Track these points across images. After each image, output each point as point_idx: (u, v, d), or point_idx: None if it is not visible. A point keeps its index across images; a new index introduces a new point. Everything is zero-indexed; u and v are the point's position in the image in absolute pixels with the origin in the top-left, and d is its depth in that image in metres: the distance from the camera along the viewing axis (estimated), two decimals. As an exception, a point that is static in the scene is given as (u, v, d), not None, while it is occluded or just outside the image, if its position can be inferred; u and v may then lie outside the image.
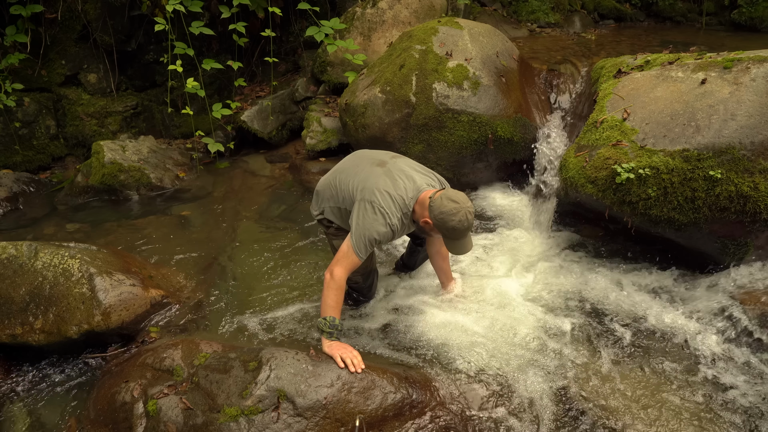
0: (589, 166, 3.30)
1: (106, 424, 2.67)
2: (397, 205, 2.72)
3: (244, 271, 3.84)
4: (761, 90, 3.04)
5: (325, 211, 3.05)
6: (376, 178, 2.79)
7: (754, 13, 6.21)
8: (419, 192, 2.78)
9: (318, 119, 5.26)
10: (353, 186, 2.84)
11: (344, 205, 2.90)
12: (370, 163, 2.92)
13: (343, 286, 2.74)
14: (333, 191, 2.97)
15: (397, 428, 2.56)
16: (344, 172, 2.98)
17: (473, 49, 4.43)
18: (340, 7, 6.26)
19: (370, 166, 2.88)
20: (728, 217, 3.02)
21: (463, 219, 2.64)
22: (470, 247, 2.81)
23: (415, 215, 2.79)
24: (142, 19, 5.36)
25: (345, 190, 2.89)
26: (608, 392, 2.79)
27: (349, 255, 2.72)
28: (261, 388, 2.48)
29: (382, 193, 2.72)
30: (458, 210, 2.63)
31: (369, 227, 2.69)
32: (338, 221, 3.01)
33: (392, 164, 2.88)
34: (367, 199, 2.72)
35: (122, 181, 4.85)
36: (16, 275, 3.14)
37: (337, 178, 2.99)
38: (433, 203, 2.68)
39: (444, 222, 2.65)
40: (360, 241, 2.70)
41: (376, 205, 2.70)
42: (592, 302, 3.34)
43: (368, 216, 2.70)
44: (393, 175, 2.80)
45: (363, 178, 2.82)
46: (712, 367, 2.88)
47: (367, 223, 2.69)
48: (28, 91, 5.31)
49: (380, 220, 2.69)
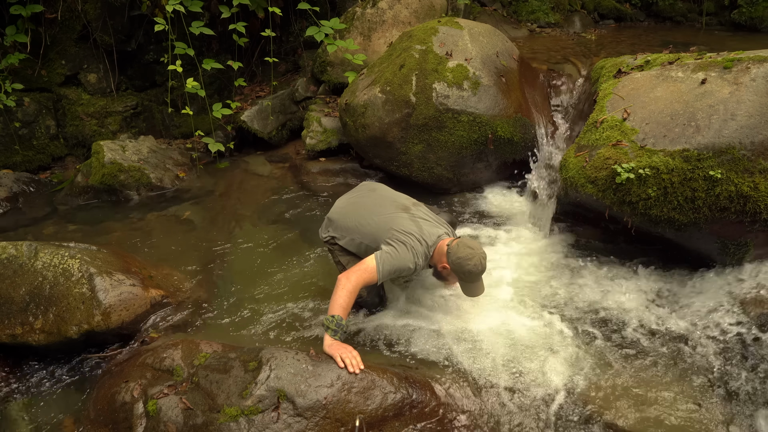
0: (589, 166, 3.30)
1: (106, 424, 2.68)
2: (422, 249, 2.98)
3: (244, 271, 3.84)
4: (761, 90, 3.04)
5: (337, 238, 3.19)
6: (403, 221, 3.05)
7: (754, 13, 6.21)
8: (439, 239, 3.04)
9: (318, 119, 5.26)
10: (377, 225, 3.06)
11: (364, 240, 3.09)
12: (394, 206, 3.16)
13: (356, 294, 2.84)
14: (351, 223, 3.14)
15: (397, 428, 2.56)
16: (366, 209, 3.18)
17: (473, 49, 4.43)
18: (340, 7, 6.26)
19: (395, 210, 3.13)
20: (728, 217, 3.02)
21: (477, 264, 2.90)
22: (483, 290, 3.09)
23: (433, 260, 3.06)
24: (142, 19, 5.36)
25: (367, 226, 3.09)
26: (608, 393, 2.79)
27: (371, 272, 2.86)
28: (261, 388, 2.49)
29: (411, 235, 2.98)
30: (473, 255, 2.90)
31: (401, 259, 2.91)
32: (353, 250, 3.16)
33: (415, 211, 3.16)
34: (399, 238, 2.96)
35: (122, 181, 4.85)
36: (16, 275, 3.14)
37: (357, 212, 3.18)
38: (450, 249, 2.94)
39: (461, 266, 2.91)
40: (387, 267, 2.89)
41: (408, 245, 2.94)
42: (592, 302, 3.34)
43: (400, 251, 2.92)
44: (418, 222, 3.08)
45: (389, 219, 3.06)
46: (713, 367, 2.88)
47: (399, 255, 2.91)
48: (28, 91, 5.30)
49: (410, 257, 2.93)
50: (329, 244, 3.26)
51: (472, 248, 2.92)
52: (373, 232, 3.05)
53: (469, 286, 3.03)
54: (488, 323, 3.21)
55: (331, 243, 3.23)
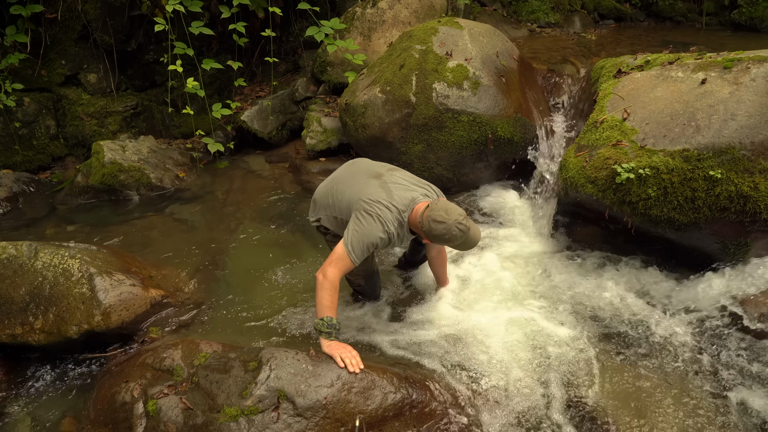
0: (589, 166, 3.30)
1: (106, 424, 2.67)
2: (393, 215, 2.80)
3: (244, 270, 3.84)
4: (761, 90, 3.04)
5: (321, 219, 3.11)
6: (372, 189, 2.87)
7: (754, 13, 6.21)
8: (414, 203, 2.85)
9: (318, 119, 5.26)
10: (349, 197, 2.91)
11: (341, 215, 2.97)
12: (367, 175, 2.99)
13: (337, 286, 2.77)
14: (329, 200, 3.04)
15: (397, 428, 2.56)
16: (341, 182, 3.04)
17: (473, 49, 4.43)
18: (340, 7, 6.26)
19: (366, 178, 2.95)
20: (728, 217, 3.02)
21: (450, 228, 2.70)
22: (474, 243, 2.85)
23: (412, 226, 2.87)
24: (142, 19, 5.36)
25: (342, 201, 2.95)
26: (608, 393, 2.79)
27: (343, 258, 2.76)
28: (261, 388, 2.48)
29: (378, 203, 2.80)
30: (445, 220, 2.70)
31: (367, 233, 2.75)
32: (334, 229, 3.08)
33: (388, 176, 2.95)
34: (364, 208, 2.79)
35: (122, 181, 4.85)
36: (16, 275, 3.14)
37: (334, 188, 3.05)
38: (422, 217, 2.76)
39: (431, 231, 2.73)
40: (357, 246, 2.75)
41: (374, 214, 2.77)
42: (592, 303, 3.34)
43: (367, 223, 2.76)
44: (389, 187, 2.88)
45: (359, 189, 2.89)
46: (713, 367, 2.88)
47: (365, 229, 2.76)
48: (28, 91, 5.31)
49: (378, 227, 2.76)
50: (321, 232, 3.18)
51: (446, 212, 2.71)
52: (346, 205, 2.91)
53: (456, 246, 2.83)
54: (488, 323, 3.20)
55: (323, 231, 3.15)
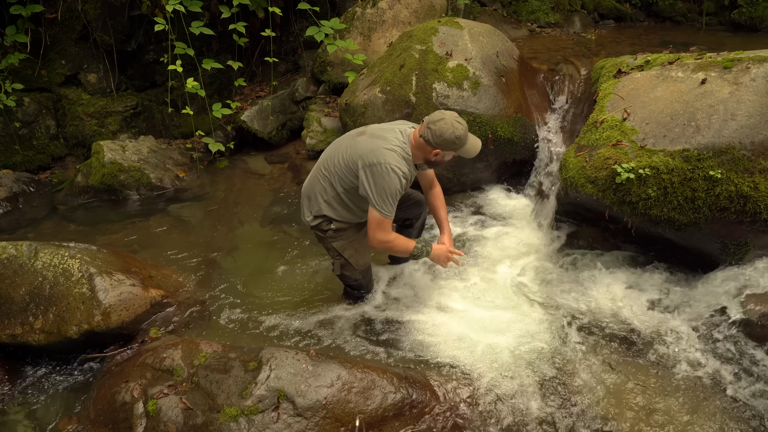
0: (589, 166, 3.30)
1: (106, 424, 2.67)
2: (398, 154, 2.84)
3: (244, 270, 3.84)
4: (761, 90, 3.04)
5: (322, 208, 3.06)
6: (366, 143, 2.89)
7: (754, 13, 6.21)
8: (408, 136, 2.91)
9: (318, 119, 5.26)
10: (345, 160, 2.92)
11: (342, 186, 2.96)
12: (349, 138, 3.03)
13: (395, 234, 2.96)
14: (323, 182, 3.03)
15: (397, 428, 2.56)
16: (325, 161, 3.06)
17: (473, 49, 4.43)
18: (340, 7, 6.25)
19: (352, 140, 2.99)
20: (728, 217, 3.02)
21: (456, 125, 2.80)
22: (476, 145, 2.94)
23: (417, 158, 2.92)
24: (142, 19, 5.36)
25: (337, 169, 2.95)
26: (608, 394, 2.79)
27: (382, 220, 2.85)
28: (261, 388, 2.49)
29: (381, 150, 2.82)
30: (446, 122, 2.79)
31: (387, 185, 2.80)
32: (340, 210, 3.04)
33: (370, 130, 3.00)
34: (371, 162, 2.81)
35: (122, 181, 4.85)
36: (16, 275, 3.14)
37: (320, 169, 3.06)
38: (425, 135, 2.82)
39: (446, 139, 2.80)
40: (385, 202, 2.82)
41: (383, 163, 2.79)
42: (591, 303, 3.34)
43: (381, 176, 2.79)
44: (378, 135, 2.92)
45: (352, 150, 2.91)
46: (713, 367, 2.88)
47: (383, 182, 2.79)
48: (28, 91, 5.30)
49: (393, 174, 2.79)
50: (320, 231, 3.12)
51: (441, 118, 2.80)
52: (344, 170, 2.92)
53: (465, 149, 2.92)
54: (488, 323, 3.21)
55: (323, 229, 3.10)
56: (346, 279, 3.32)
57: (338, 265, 3.20)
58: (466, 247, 3.90)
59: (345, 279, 3.33)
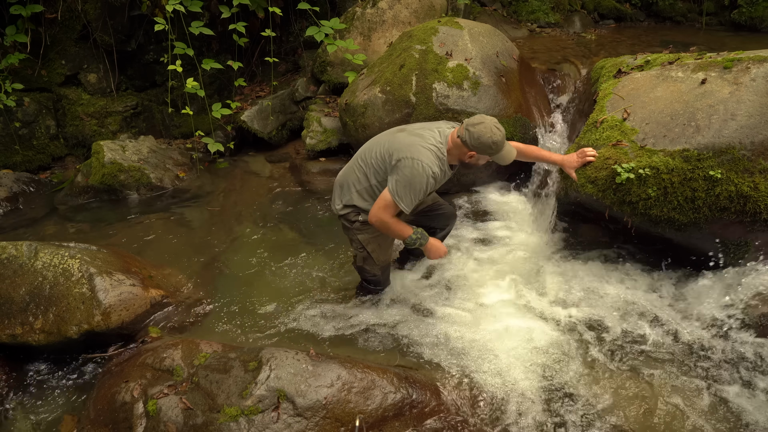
0: (589, 166, 3.30)
1: (106, 424, 2.67)
2: (433, 154, 2.89)
3: (244, 270, 3.84)
4: (761, 90, 3.04)
5: (353, 198, 3.10)
6: (404, 139, 2.95)
7: (754, 13, 6.21)
8: (446, 137, 2.96)
9: (318, 119, 5.26)
10: (382, 153, 2.97)
11: (376, 178, 3.02)
12: (389, 134, 3.09)
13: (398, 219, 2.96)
14: (358, 173, 3.08)
15: (397, 428, 2.56)
16: (364, 152, 3.11)
17: (473, 49, 4.43)
18: (340, 7, 6.25)
19: (392, 135, 3.05)
20: (728, 217, 3.02)
21: (495, 131, 2.84)
22: (514, 153, 3.02)
23: (453, 158, 2.97)
24: (142, 19, 5.36)
25: (374, 161, 3.01)
26: (608, 394, 2.79)
27: (391, 205, 2.89)
28: (261, 388, 2.49)
29: (417, 147, 2.87)
30: (485, 127, 2.83)
31: (413, 181, 2.84)
32: (371, 202, 3.05)
33: (409, 128, 3.07)
34: (404, 156, 2.86)
35: (122, 181, 4.85)
36: (16, 275, 3.14)
37: (357, 160, 3.12)
38: (463, 136, 2.85)
39: (484, 143, 2.83)
40: (405, 195, 2.85)
41: (416, 159, 2.84)
42: (592, 303, 3.34)
43: (411, 170, 2.84)
44: (416, 132, 2.97)
45: (389, 145, 2.97)
46: (713, 367, 2.88)
47: (411, 177, 2.84)
48: (28, 91, 5.31)
49: (422, 172, 2.84)
50: (347, 221, 3.15)
51: (481, 122, 2.84)
52: (379, 164, 2.98)
53: (500, 155, 2.97)
54: (488, 323, 3.21)
55: (351, 219, 3.13)
56: (365, 273, 3.34)
57: (361, 258, 3.24)
58: (467, 248, 3.89)
59: (363, 272, 3.35)
